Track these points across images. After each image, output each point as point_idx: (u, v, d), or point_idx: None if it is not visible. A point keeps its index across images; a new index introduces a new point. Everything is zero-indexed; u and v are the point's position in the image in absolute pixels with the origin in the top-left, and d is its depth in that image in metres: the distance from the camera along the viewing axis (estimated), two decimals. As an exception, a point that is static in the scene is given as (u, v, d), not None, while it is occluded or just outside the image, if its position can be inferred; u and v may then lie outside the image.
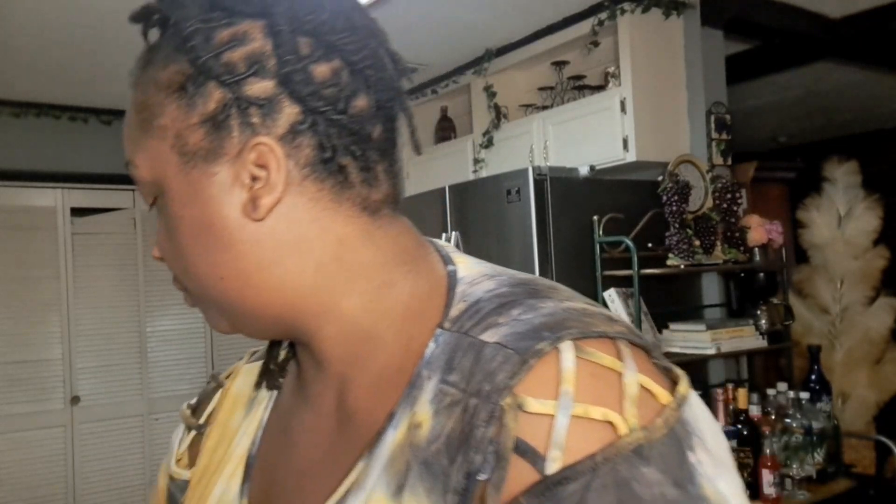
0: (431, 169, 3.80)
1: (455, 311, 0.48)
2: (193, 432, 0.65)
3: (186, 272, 0.51)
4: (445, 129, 3.87)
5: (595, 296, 2.47)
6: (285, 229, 0.49)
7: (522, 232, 2.49)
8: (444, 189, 2.89)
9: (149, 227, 4.07)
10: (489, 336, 0.44)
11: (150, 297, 4.06)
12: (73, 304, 3.89)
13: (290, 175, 0.48)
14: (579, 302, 0.49)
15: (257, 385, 0.61)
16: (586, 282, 2.49)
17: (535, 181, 2.46)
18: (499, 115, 3.33)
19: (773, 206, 4.49)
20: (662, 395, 0.42)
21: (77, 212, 3.92)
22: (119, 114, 4.02)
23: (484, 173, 3.35)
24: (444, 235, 2.84)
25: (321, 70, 0.48)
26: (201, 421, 0.64)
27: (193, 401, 0.67)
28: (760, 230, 2.56)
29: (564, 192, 2.50)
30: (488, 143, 3.37)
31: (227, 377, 0.66)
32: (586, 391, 0.40)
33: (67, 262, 3.87)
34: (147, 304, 4.06)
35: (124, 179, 4.11)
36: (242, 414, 0.61)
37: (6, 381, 3.72)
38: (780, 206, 4.72)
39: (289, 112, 0.47)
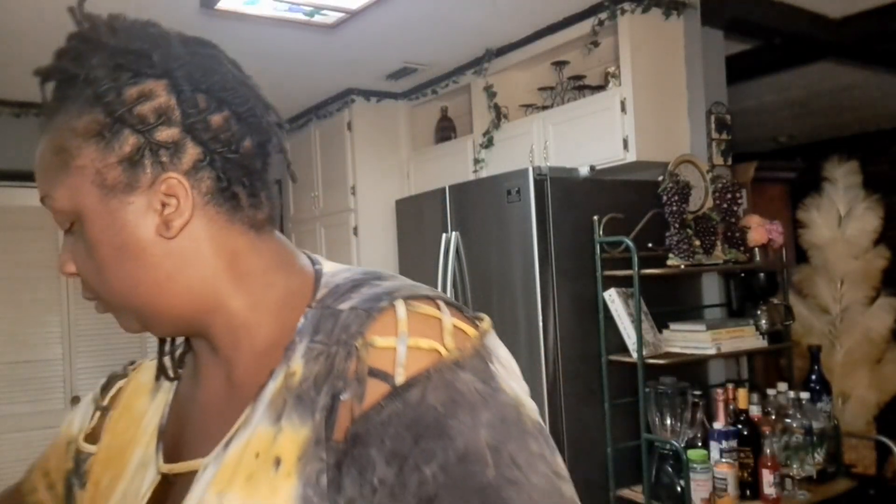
0: (432, 169, 3.80)
1: (320, 294, 0.63)
2: (99, 412, 0.77)
3: (105, 284, 0.62)
4: (445, 129, 3.87)
5: (595, 296, 2.47)
6: (189, 245, 0.61)
7: (522, 232, 2.49)
8: (444, 189, 2.89)
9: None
10: (344, 305, 0.60)
11: (150, 298, 4.06)
12: (73, 305, 3.88)
13: (195, 201, 0.60)
14: (410, 282, 0.64)
15: (157, 378, 0.74)
16: (586, 282, 2.49)
17: (536, 181, 2.46)
18: (499, 115, 3.33)
19: (773, 206, 4.49)
20: (470, 331, 0.58)
21: (77, 212, 3.92)
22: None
23: (484, 173, 3.35)
24: (444, 235, 2.84)
25: (216, 119, 0.61)
26: (105, 403, 0.78)
27: (104, 381, 0.81)
28: (761, 230, 2.56)
29: (564, 192, 2.50)
30: (488, 143, 3.37)
31: (134, 370, 0.80)
32: (416, 330, 0.56)
33: (67, 262, 3.87)
34: (147, 305, 4.05)
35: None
36: (147, 400, 0.74)
37: (6, 381, 3.72)
38: (781, 206, 4.72)
39: (192, 152, 0.60)
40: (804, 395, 2.33)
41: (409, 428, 0.52)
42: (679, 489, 2.23)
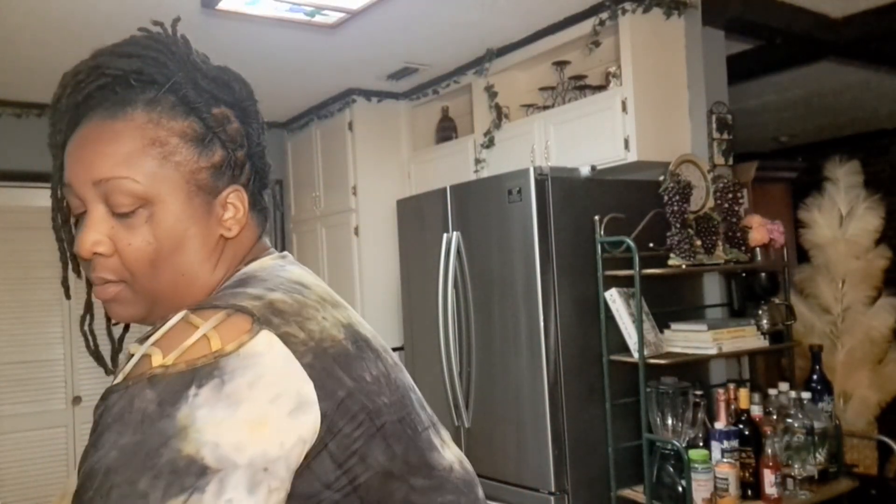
0: (433, 169, 3.80)
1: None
2: None
3: (154, 269, 0.68)
4: (446, 129, 3.87)
5: (596, 296, 2.47)
6: (229, 247, 0.73)
7: (524, 232, 2.49)
8: (445, 189, 2.89)
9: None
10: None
11: (151, 298, 4.06)
12: (75, 305, 3.88)
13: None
14: (259, 289, 0.66)
15: (107, 373, 0.77)
16: (587, 282, 2.49)
17: (537, 181, 2.46)
18: (500, 115, 3.33)
19: (774, 206, 4.49)
20: (217, 345, 0.58)
21: (78, 212, 3.92)
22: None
23: (485, 173, 3.35)
24: (445, 235, 2.84)
25: (261, 152, 0.77)
26: None
27: None
28: (762, 230, 2.56)
29: (566, 192, 2.50)
30: (489, 143, 3.37)
31: None
32: (164, 339, 0.59)
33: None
34: (148, 305, 4.05)
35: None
36: None
37: (8, 382, 3.73)
38: (782, 205, 4.72)
39: (248, 173, 0.74)
40: (805, 394, 2.33)
41: (92, 431, 0.57)
42: (680, 489, 2.22)
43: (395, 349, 1.96)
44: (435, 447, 0.68)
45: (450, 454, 0.70)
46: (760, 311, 2.54)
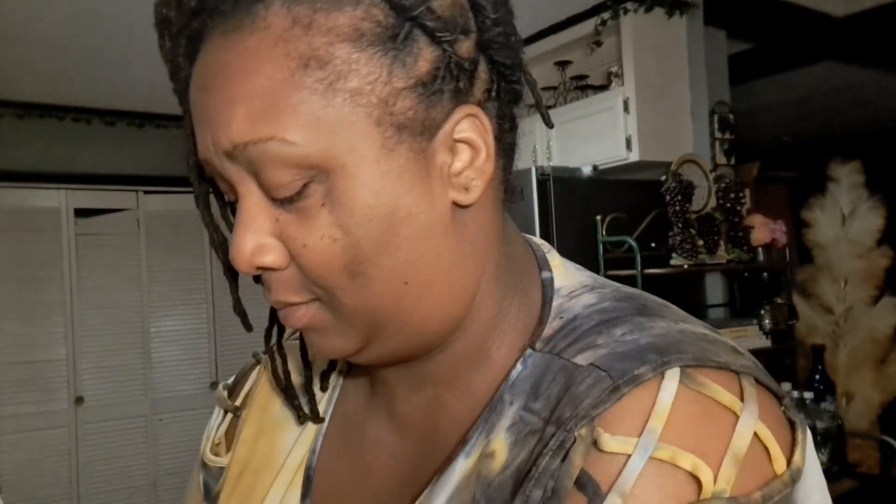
0: (434, 169, 3.80)
1: (549, 329, 0.42)
2: (230, 416, 0.57)
3: (357, 276, 0.38)
4: (448, 130, 3.86)
5: (598, 296, 2.47)
6: (474, 219, 0.41)
7: (525, 232, 2.48)
8: (446, 189, 2.89)
9: (152, 227, 4.07)
10: (583, 359, 0.38)
11: (153, 298, 4.07)
12: (77, 305, 3.89)
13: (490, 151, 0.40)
14: (698, 325, 0.41)
15: (300, 421, 0.51)
16: (589, 282, 2.49)
17: (538, 181, 2.46)
18: (501, 115, 3.33)
19: (776, 206, 4.49)
20: (778, 458, 0.34)
21: (81, 213, 3.93)
22: (121, 115, 4.03)
23: (487, 173, 3.35)
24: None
25: (506, 35, 0.41)
26: (238, 403, 0.57)
27: (231, 380, 0.60)
28: (764, 230, 2.56)
29: (567, 193, 2.49)
30: (491, 143, 3.37)
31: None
32: (681, 431, 0.33)
33: (71, 262, 3.88)
34: (151, 305, 4.06)
35: (128, 180, 4.12)
36: (281, 403, 0.54)
37: (10, 382, 3.73)
38: (784, 205, 4.72)
39: (483, 78, 0.41)
40: (808, 394, 2.32)
41: None
42: (682, 489, 2.22)
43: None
44: None
45: None
46: (762, 311, 2.54)
